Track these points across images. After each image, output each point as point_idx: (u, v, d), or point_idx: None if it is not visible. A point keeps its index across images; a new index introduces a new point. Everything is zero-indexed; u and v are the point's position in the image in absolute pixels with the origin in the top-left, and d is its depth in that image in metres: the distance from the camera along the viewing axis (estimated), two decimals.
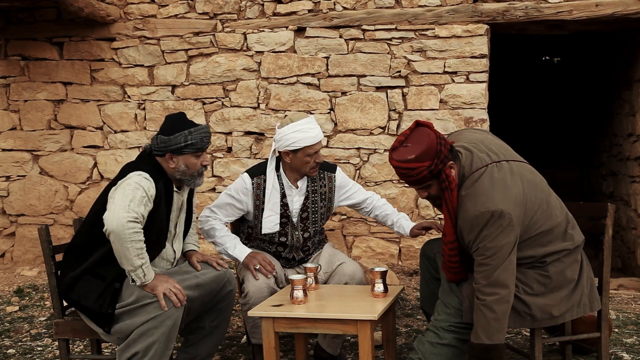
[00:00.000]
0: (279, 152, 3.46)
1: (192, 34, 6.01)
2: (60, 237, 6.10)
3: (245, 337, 4.18)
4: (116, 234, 2.83)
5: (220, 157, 6.02)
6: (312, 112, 5.82)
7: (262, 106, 5.95)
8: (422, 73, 5.73)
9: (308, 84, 5.86)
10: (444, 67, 5.70)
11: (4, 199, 6.31)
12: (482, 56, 5.66)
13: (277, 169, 3.52)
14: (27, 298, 5.29)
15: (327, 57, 5.84)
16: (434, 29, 5.69)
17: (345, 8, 5.80)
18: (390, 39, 5.76)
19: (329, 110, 5.85)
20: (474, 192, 2.71)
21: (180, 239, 3.30)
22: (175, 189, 3.17)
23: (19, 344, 4.35)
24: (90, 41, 6.12)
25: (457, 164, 2.78)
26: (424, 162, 2.68)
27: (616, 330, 4.26)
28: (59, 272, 3.14)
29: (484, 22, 5.66)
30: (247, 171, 3.57)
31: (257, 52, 5.94)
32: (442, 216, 5.71)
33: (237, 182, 3.55)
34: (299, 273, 3.50)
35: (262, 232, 3.52)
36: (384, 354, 3.34)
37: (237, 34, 5.96)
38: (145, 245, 2.92)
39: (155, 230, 3.05)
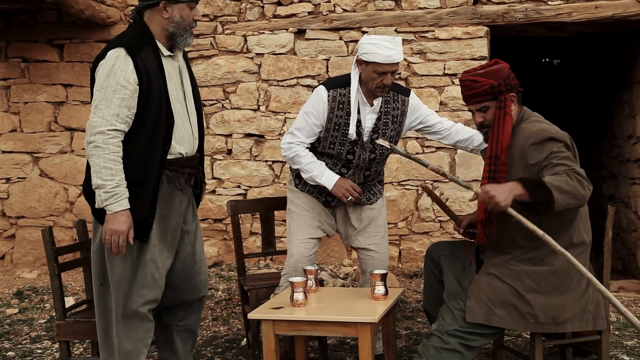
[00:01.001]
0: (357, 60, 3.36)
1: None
2: (60, 240, 6.09)
3: (245, 339, 4.18)
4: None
5: (220, 159, 6.02)
6: None
7: (262, 108, 5.95)
8: (422, 75, 5.73)
9: (308, 86, 5.86)
10: (444, 69, 5.71)
11: (4, 201, 6.31)
12: (482, 58, 5.66)
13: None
14: (27, 300, 5.29)
15: (327, 59, 5.84)
16: (433, 31, 5.69)
17: (345, 10, 5.80)
18: None
19: None
20: (534, 123, 2.89)
21: (193, 115, 3.03)
22: (166, 53, 2.92)
23: (19, 346, 4.34)
24: (90, 43, 6.12)
25: (519, 106, 2.96)
26: (491, 79, 2.87)
27: (616, 332, 4.26)
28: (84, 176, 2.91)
29: (483, 24, 5.67)
30: (322, 84, 3.46)
31: (257, 54, 5.94)
32: (442, 218, 5.71)
33: (312, 98, 3.42)
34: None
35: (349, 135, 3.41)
36: (384, 357, 3.34)
37: (237, 36, 5.97)
38: (113, 165, 2.71)
39: (154, 106, 2.82)
